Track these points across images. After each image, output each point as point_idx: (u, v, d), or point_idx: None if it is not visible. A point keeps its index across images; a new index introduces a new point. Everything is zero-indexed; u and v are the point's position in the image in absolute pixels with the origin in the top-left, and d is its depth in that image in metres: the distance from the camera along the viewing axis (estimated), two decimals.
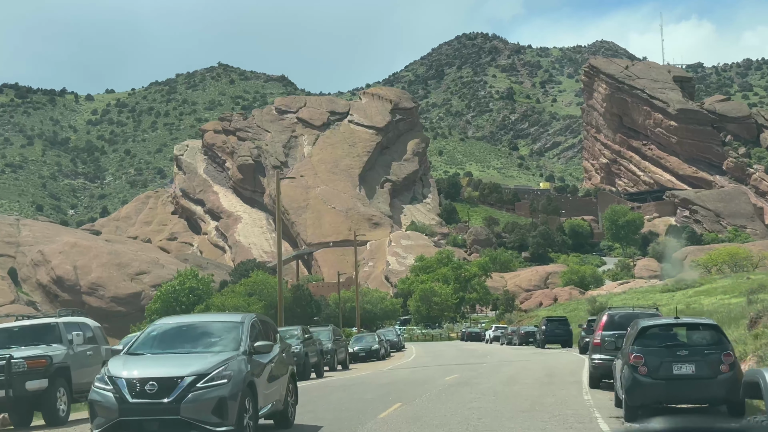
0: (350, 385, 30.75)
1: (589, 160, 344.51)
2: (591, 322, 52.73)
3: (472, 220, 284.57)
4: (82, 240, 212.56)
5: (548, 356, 51.63)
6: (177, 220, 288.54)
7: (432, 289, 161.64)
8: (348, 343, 64.11)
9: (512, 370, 36.59)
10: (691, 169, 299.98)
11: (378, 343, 61.77)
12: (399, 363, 53.02)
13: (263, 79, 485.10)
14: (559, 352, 60.93)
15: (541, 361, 44.97)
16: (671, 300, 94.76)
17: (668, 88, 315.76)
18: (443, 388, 27.61)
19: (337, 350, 47.24)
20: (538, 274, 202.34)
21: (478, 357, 53.75)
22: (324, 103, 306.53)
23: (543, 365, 39.90)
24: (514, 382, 29.18)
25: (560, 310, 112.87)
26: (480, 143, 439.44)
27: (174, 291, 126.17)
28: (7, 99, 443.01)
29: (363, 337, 65.25)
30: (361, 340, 63.32)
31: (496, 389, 26.48)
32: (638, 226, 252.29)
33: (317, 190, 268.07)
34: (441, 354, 64.29)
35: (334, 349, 46.68)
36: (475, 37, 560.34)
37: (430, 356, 61.23)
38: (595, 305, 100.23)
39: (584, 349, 52.46)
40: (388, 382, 30.68)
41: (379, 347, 61.08)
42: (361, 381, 33.65)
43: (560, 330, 69.93)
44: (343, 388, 29.62)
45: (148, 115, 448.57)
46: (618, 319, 28.31)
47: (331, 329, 48.82)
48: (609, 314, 28.87)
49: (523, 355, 54.26)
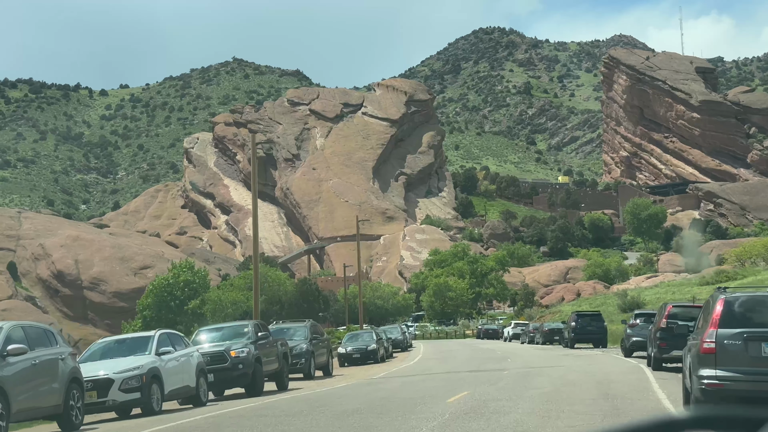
0: (288, 413, 19.46)
1: (609, 153, 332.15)
2: (646, 316, 41.48)
3: (489, 214, 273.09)
4: (85, 233, 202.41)
5: (585, 360, 40.34)
6: (187, 214, 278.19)
7: (446, 284, 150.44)
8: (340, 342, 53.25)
9: (546, 383, 25.31)
10: (714, 162, 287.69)
11: (376, 342, 50.59)
12: (396, 368, 41.80)
13: (278, 74, 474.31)
14: (594, 353, 49.55)
15: (581, 367, 33.69)
16: None
17: (690, 79, 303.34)
18: (441, 421, 16.40)
19: (315, 352, 36.12)
20: (557, 269, 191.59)
21: (496, 361, 42.45)
22: (337, 95, 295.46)
23: (588, 375, 28.64)
24: (557, 409, 17.84)
25: (585, 305, 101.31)
26: (497, 138, 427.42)
27: (168, 285, 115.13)
28: (21, 94, 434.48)
29: (359, 335, 53.92)
30: (355, 339, 52.06)
31: (531, 427, 15.30)
32: (661, 219, 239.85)
33: (330, 183, 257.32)
34: (451, 355, 53.11)
35: (311, 351, 35.58)
36: (492, 32, 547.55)
37: (438, 358, 50.04)
38: (626, 300, 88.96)
39: (630, 350, 41.24)
40: (355, 409, 19.42)
41: (376, 347, 49.87)
42: (318, 402, 22.50)
43: (593, 327, 58.51)
44: (267, 419, 18.50)
45: (162, 110, 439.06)
46: (744, 309, 15.85)
47: (308, 326, 37.64)
48: (726, 300, 15.97)
49: (552, 358, 42.95)
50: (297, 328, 37.25)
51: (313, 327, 37.99)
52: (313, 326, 37.93)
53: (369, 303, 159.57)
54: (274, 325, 38.75)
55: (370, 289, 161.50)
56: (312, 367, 35.45)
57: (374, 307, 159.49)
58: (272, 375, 29.43)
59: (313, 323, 39.22)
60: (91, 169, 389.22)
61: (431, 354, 57.81)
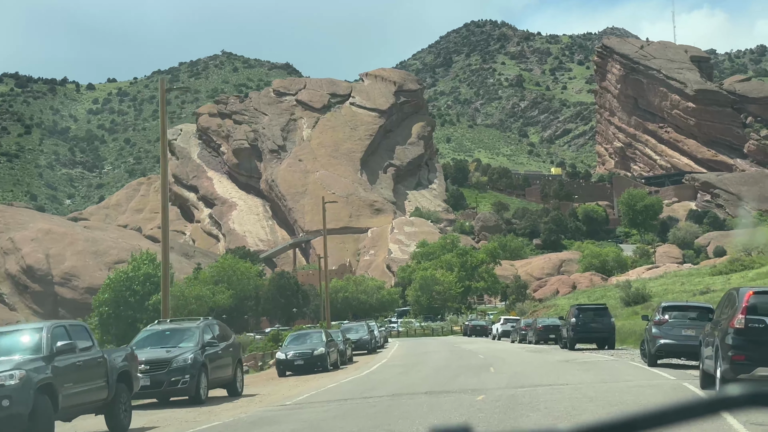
0: None
1: (603, 144, 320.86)
2: (679, 310, 30.11)
3: (480, 206, 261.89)
4: (57, 226, 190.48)
5: (597, 370, 28.84)
6: (170, 208, 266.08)
7: (433, 277, 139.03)
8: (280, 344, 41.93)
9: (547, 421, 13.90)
10: (710, 153, 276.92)
11: (326, 345, 39.03)
12: (338, 382, 30.20)
13: (267, 67, 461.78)
14: (603, 358, 37.99)
15: (595, 386, 22.20)
16: (729, 284, 72.01)
17: (685, 68, 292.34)
18: None
19: (209, 366, 24.49)
20: (551, 261, 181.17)
21: (474, 372, 30.88)
22: (324, 85, 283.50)
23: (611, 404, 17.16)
24: None
25: (583, 298, 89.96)
26: (489, 130, 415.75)
27: (126, 278, 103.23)
28: (6, 88, 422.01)
29: (305, 336, 41.91)
30: (300, 341, 40.27)
31: None
32: (657, 210, 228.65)
33: (316, 175, 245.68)
34: (422, 361, 41.63)
35: (201, 364, 24.02)
36: (483, 25, 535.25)
37: (403, 366, 38.48)
38: (630, 291, 77.56)
39: (656, 356, 29.81)
40: None
41: (324, 352, 38.28)
42: None
43: (598, 323, 46.78)
44: None
45: (149, 103, 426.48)
46: None
47: (201, 327, 25.81)
48: None
49: (549, 367, 31.49)
50: (184, 331, 25.54)
51: (211, 329, 26.21)
52: (209, 328, 26.15)
53: (352, 298, 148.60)
54: (149, 328, 26.89)
55: (353, 284, 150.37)
56: (201, 387, 23.88)
57: (357, 302, 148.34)
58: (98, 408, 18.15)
59: (213, 323, 27.22)
60: (77, 164, 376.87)
61: (399, 359, 46.32)
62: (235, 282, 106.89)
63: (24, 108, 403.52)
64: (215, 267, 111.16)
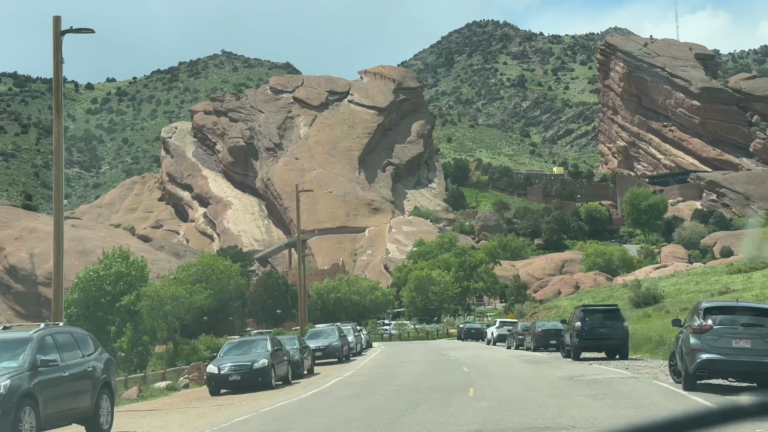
0: None
1: (606, 143, 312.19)
2: (727, 313, 21.79)
3: (480, 206, 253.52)
4: (43, 225, 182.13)
5: (615, 395, 20.47)
6: (164, 207, 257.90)
7: (429, 277, 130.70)
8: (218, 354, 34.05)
9: None
10: (715, 152, 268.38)
11: (270, 356, 30.76)
12: (254, 411, 21.96)
13: (267, 67, 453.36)
14: (618, 374, 29.58)
15: (618, 422, 13.73)
16: (750, 283, 63.81)
17: (690, 66, 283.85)
18: None
19: (40, 396, 15.98)
20: (552, 261, 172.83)
21: (447, 394, 22.59)
22: (322, 83, 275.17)
23: None
24: None
25: (587, 299, 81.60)
26: (491, 130, 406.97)
27: (97, 277, 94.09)
28: (5, 88, 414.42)
29: (248, 344, 33.26)
30: (240, 351, 31.83)
31: None
32: (661, 210, 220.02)
33: (313, 173, 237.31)
34: (391, 374, 33.46)
35: (24, 394, 15.58)
36: (485, 25, 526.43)
37: (362, 384, 30.23)
38: (640, 292, 69.29)
39: (696, 377, 21.53)
40: None
41: (267, 365, 29.98)
42: None
43: (608, 328, 38.27)
44: None
45: (148, 103, 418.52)
46: None
47: (35, 340, 17.05)
48: None
49: (548, 385, 23.25)
50: (9, 344, 17.05)
51: (55, 340, 17.76)
52: (51, 339, 17.71)
53: (344, 299, 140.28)
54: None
55: (345, 284, 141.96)
56: (22, 428, 15.64)
57: (350, 303, 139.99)
58: None
59: (62, 331, 18.65)
60: (74, 163, 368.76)
61: (367, 371, 38.06)
62: (214, 281, 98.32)
63: (22, 108, 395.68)
64: (193, 266, 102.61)
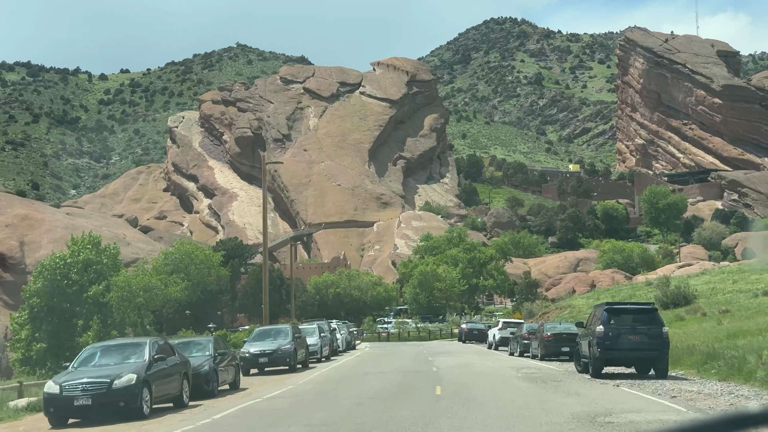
0: None
1: (624, 141, 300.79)
2: None
3: (493, 202, 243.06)
4: (36, 212, 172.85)
5: None
6: (168, 198, 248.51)
7: (434, 273, 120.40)
8: None
9: None
10: (736, 151, 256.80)
11: (146, 370, 20.53)
12: None
13: (282, 60, 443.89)
14: (661, 403, 19.19)
15: None
16: None
17: (712, 63, 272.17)
18: None
19: None
20: (567, 260, 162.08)
21: None
22: (334, 74, 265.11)
23: None
24: None
25: (606, 298, 70.92)
26: (506, 127, 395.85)
27: (63, 265, 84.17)
28: (18, 77, 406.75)
29: (120, 350, 22.84)
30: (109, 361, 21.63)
31: None
32: (681, 209, 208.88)
33: (321, 166, 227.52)
34: (333, 395, 23.43)
35: None
36: (503, 22, 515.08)
37: (269, 416, 20.05)
38: (669, 291, 58.80)
39: None
40: None
41: (133, 383, 19.71)
42: None
43: (641, 334, 27.72)
44: None
45: (161, 95, 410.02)
46: None
47: None
48: None
49: None
50: None
51: None
52: None
53: (344, 294, 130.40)
54: None
55: (345, 278, 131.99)
56: None
57: (350, 299, 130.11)
58: None
59: None
60: (84, 154, 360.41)
61: (312, 386, 28.09)
62: (193, 272, 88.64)
63: (34, 97, 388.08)
64: (170, 254, 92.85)
